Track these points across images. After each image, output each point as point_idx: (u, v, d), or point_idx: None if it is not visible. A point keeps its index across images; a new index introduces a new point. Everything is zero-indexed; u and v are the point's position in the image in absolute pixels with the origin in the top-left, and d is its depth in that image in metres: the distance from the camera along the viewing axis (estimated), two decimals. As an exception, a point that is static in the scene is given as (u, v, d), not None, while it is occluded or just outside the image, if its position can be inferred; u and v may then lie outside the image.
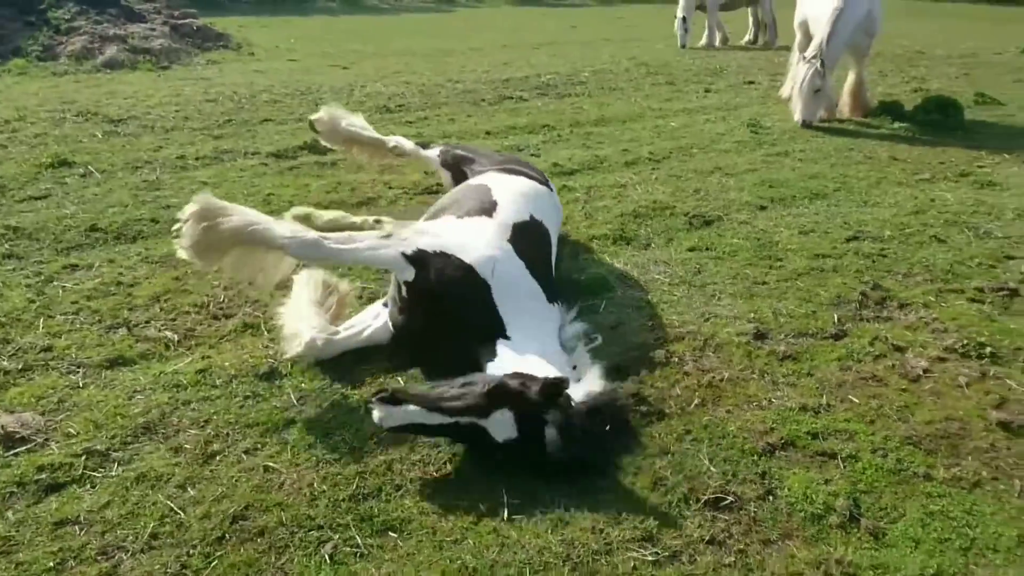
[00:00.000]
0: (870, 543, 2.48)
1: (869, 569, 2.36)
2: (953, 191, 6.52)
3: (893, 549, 2.45)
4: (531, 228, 3.87)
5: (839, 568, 2.36)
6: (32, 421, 3.08)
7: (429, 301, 3.34)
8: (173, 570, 2.37)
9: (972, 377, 3.49)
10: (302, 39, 18.47)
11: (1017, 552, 2.43)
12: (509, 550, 2.44)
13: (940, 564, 2.37)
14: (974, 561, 2.39)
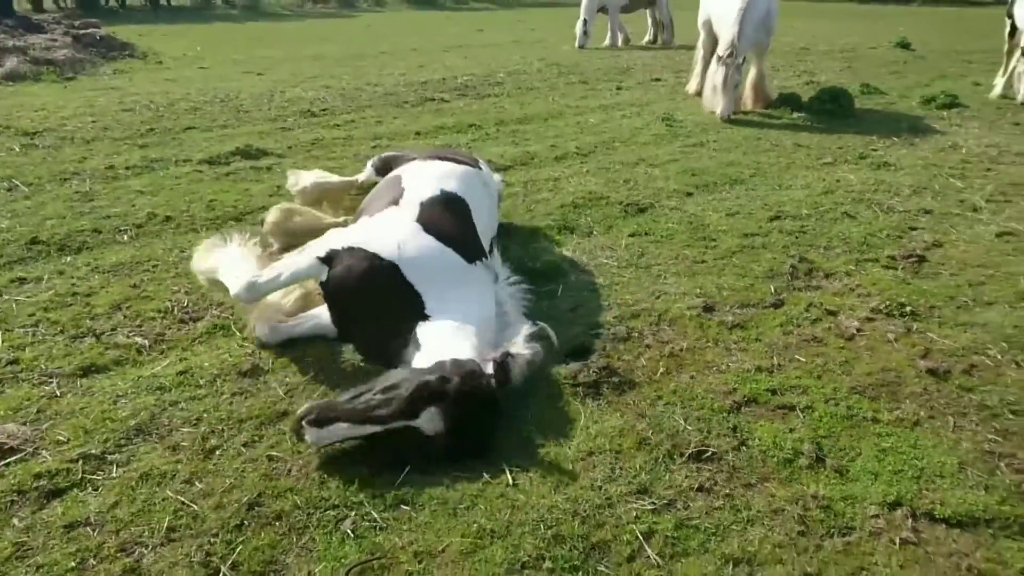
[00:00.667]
0: (836, 479, 2.80)
1: (840, 500, 2.67)
2: (855, 172, 7.10)
3: (856, 483, 2.77)
4: (442, 201, 4.02)
5: (814, 502, 2.66)
6: (18, 431, 3.05)
7: (345, 295, 3.51)
8: (198, 559, 2.44)
9: (899, 333, 3.91)
10: (207, 46, 17.99)
11: (959, 476, 2.80)
12: (520, 511, 2.62)
13: (898, 491, 2.70)
14: (925, 487, 2.74)
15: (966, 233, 5.41)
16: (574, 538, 2.50)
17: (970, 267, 4.78)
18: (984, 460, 2.90)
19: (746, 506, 2.66)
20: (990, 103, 10.46)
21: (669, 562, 2.41)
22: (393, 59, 15.69)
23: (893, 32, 20.23)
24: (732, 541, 2.49)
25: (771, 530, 2.54)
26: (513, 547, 2.46)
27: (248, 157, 7.41)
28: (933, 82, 12.46)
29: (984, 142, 8.18)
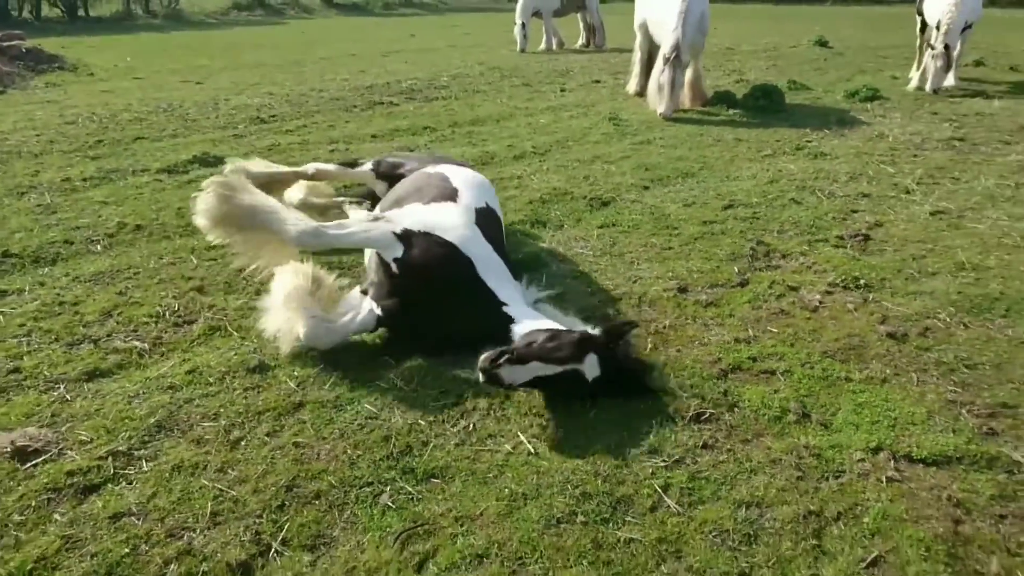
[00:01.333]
0: (822, 431, 3.10)
1: (828, 449, 2.97)
2: (794, 162, 7.55)
3: (840, 433, 3.08)
4: (488, 214, 4.24)
5: (806, 451, 2.95)
6: (39, 434, 3.09)
7: (420, 277, 3.62)
8: (247, 538, 2.56)
9: (857, 303, 4.27)
10: (137, 57, 17.59)
11: (928, 423, 3.13)
12: (546, 475, 2.83)
13: (878, 438, 3.01)
14: (900, 433, 3.06)
15: (903, 213, 5.87)
16: (600, 495, 2.72)
17: (911, 243, 5.21)
18: (948, 408, 3.25)
19: (747, 459, 2.92)
20: (908, 95, 11.18)
21: (688, 509, 2.66)
22: (333, 65, 15.67)
23: (809, 31, 21.20)
24: (740, 488, 2.75)
25: (773, 477, 2.81)
26: (546, 506, 2.67)
27: (206, 165, 7.39)
28: (854, 77, 13.18)
29: (908, 131, 8.79)
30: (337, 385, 3.51)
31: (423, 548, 2.50)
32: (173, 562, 2.47)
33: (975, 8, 11.28)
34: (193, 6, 34.07)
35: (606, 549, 2.48)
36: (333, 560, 2.47)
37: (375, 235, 3.72)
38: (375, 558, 2.46)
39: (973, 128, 8.83)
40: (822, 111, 10.18)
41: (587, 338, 3.21)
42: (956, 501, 2.67)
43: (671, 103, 9.51)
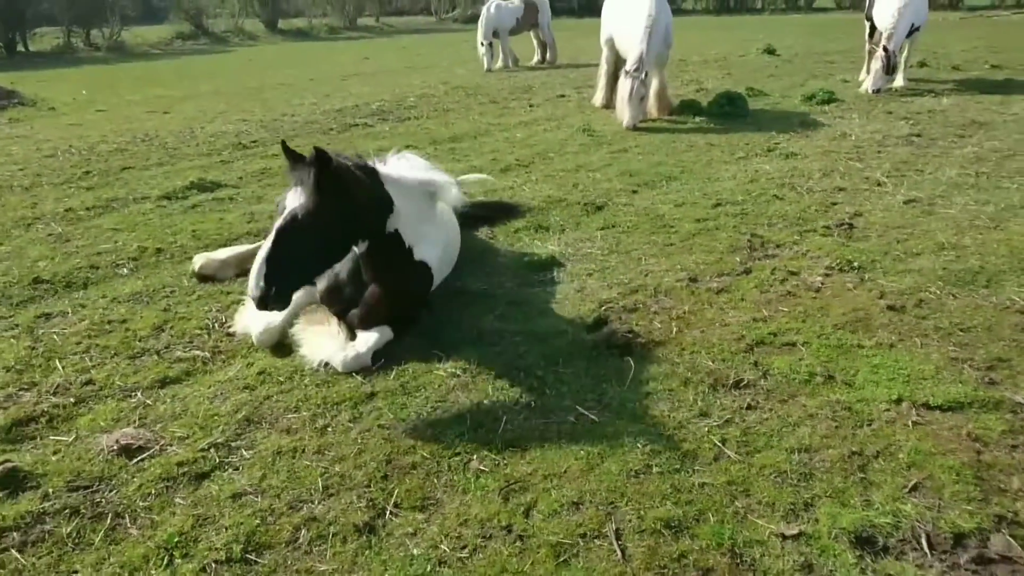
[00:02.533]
0: (848, 389, 3.50)
1: (857, 403, 3.36)
2: (768, 163, 8.06)
3: (864, 390, 3.48)
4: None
5: (838, 406, 3.35)
6: (137, 433, 3.30)
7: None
8: (362, 504, 2.83)
9: (855, 283, 4.72)
10: (91, 90, 17.49)
11: (938, 377, 3.56)
12: (613, 438, 3.17)
13: (898, 392, 3.42)
14: (915, 387, 3.47)
15: (878, 203, 6.39)
16: (667, 451, 3.06)
17: (891, 229, 5.70)
18: (952, 365, 3.68)
19: (788, 415, 3.30)
20: (861, 97, 11.88)
21: (747, 457, 3.01)
22: (295, 90, 15.85)
23: (755, 40, 22.11)
24: (788, 438, 3.12)
25: (814, 428, 3.19)
26: (622, 462, 3.00)
27: (204, 190, 7.58)
28: (807, 82, 13.89)
29: (868, 129, 9.42)
30: (400, 376, 3.78)
31: (524, 500, 2.81)
32: (302, 528, 2.72)
33: (920, 12, 12.07)
34: (135, 37, 33.76)
35: (684, 492, 2.81)
36: (445, 516, 2.76)
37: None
38: (483, 511, 2.76)
39: (928, 124, 9.50)
40: (784, 115, 10.77)
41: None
42: (974, 437, 3.08)
43: (633, 114, 9.97)
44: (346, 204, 3.53)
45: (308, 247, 3.42)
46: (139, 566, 2.59)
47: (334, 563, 2.57)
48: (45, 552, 2.69)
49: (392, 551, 2.61)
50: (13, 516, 2.85)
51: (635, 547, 2.55)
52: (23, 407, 3.63)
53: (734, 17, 38.62)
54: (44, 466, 3.16)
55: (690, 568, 2.45)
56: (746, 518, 2.67)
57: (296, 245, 3.36)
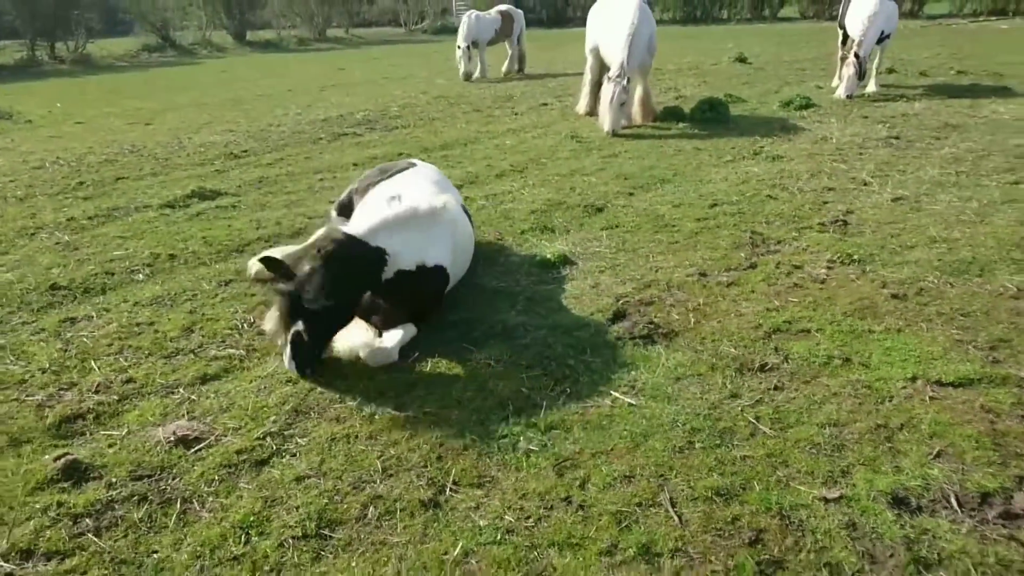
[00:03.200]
0: (865, 370, 3.72)
1: (876, 381, 3.59)
2: (756, 166, 8.34)
3: (879, 370, 3.71)
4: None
5: (859, 384, 3.57)
6: (191, 425, 3.41)
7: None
8: (423, 483, 2.99)
9: (857, 274, 4.97)
10: (64, 103, 17.33)
11: (947, 358, 3.79)
12: (653, 420, 3.35)
13: (912, 371, 3.65)
14: (927, 367, 3.70)
15: (867, 201, 6.68)
16: (705, 429, 3.25)
17: (883, 225, 5.98)
18: (957, 346, 3.93)
19: (813, 394, 3.51)
20: (836, 102, 12.26)
21: (781, 432, 3.21)
22: (275, 101, 15.88)
23: (723, 49, 22.61)
24: (817, 415, 3.33)
25: (839, 405, 3.40)
26: (665, 439, 3.18)
27: (205, 199, 7.64)
28: (781, 88, 14.28)
29: (847, 133, 9.76)
30: (436, 367, 3.93)
31: (577, 475, 2.98)
32: (369, 505, 2.86)
33: (890, 20, 12.53)
34: (101, 50, 33.34)
35: (728, 464, 3.00)
36: (503, 491, 2.91)
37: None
38: (540, 485, 2.92)
39: (904, 127, 9.88)
40: (764, 120, 11.10)
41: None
42: (987, 409, 3.32)
43: (616, 121, 10.21)
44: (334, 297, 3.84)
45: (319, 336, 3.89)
46: (217, 544, 2.70)
47: (405, 535, 2.71)
48: (121, 535, 2.79)
49: (459, 523, 2.76)
50: (83, 503, 2.94)
51: (690, 513, 2.73)
52: (68, 405, 3.71)
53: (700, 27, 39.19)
54: (102, 458, 3.25)
55: (744, 529, 2.63)
56: (788, 485, 2.86)
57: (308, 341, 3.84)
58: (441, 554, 2.59)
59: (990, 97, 12.05)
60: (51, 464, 3.17)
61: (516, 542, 2.62)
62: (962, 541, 2.54)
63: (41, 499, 2.98)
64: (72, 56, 32.22)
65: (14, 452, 3.36)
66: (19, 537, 2.77)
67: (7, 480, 3.13)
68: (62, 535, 2.78)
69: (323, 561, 2.61)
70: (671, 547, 2.56)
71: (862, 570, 2.43)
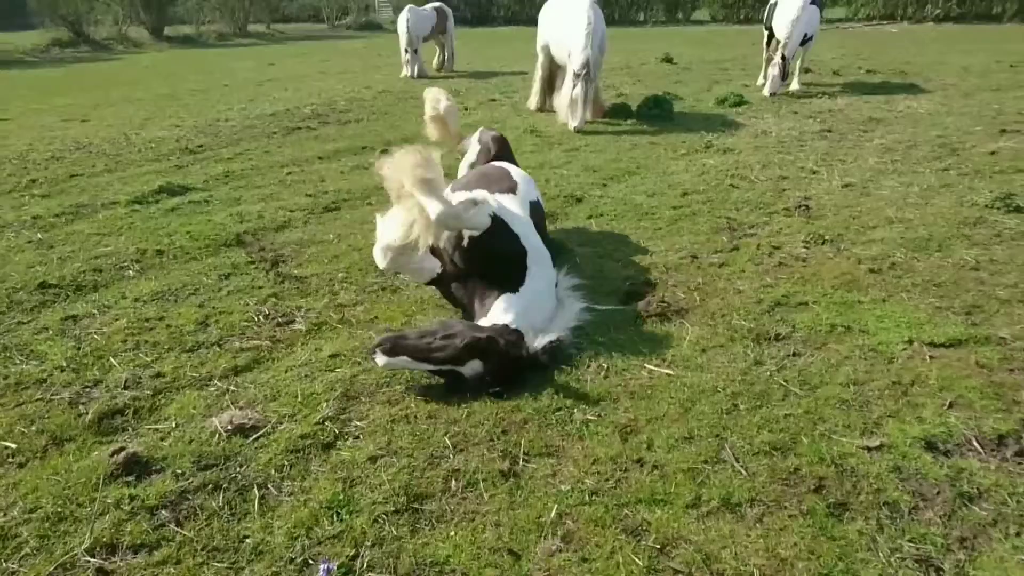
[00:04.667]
0: (866, 335, 4.08)
1: (878, 345, 3.94)
2: (710, 158, 8.75)
3: (878, 336, 4.07)
4: (537, 207, 5.01)
5: (864, 349, 3.91)
6: (245, 414, 3.45)
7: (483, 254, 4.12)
8: (495, 455, 3.14)
9: (833, 252, 5.37)
10: (-21, 98, 16.46)
11: (932, 322, 4.19)
12: (692, 388, 3.60)
13: (908, 335, 4.02)
14: (917, 331, 4.08)
15: (820, 188, 7.15)
16: (744, 393, 3.53)
17: (842, 208, 6.45)
18: (939, 312, 4.34)
19: (827, 359, 3.84)
20: (766, 99, 12.91)
21: (811, 393, 3.52)
22: (213, 96, 15.50)
23: (647, 51, 23.20)
24: (838, 376, 3.66)
25: (854, 367, 3.74)
26: (711, 403, 3.44)
27: (174, 194, 7.50)
28: (712, 87, 14.88)
29: (784, 127, 10.34)
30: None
31: (641, 439, 3.19)
32: (451, 478, 3.00)
33: (812, 23, 13.28)
34: (6, 43, 31.54)
35: (773, 422, 3.28)
36: (575, 458, 3.10)
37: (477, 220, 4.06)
38: (609, 450, 3.12)
39: (833, 122, 10.53)
40: (705, 116, 11.58)
41: (471, 344, 3.53)
42: (981, 364, 3.71)
43: (582, 116, 10.50)
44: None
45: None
46: (311, 524, 2.79)
47: (494, 504, 2.87)
48: (204, 523, 2.83)
49: (542, 489, 2.93)
50: (155, 496, 2.96)
51: (755, 466, 2.99)
52: (101, 402, 3.68)
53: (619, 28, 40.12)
54: (159, 451, 3.26)
55: (807, 478, 2.91)
56: (831, 438, 3.16)
57: None
58: (535, 518, 2.76)
59: (901, 94, 12.93)
60: (109, 459, 3.16)
61: (605, 502, 2.82)
62: (994, 476, 2.89)
63: (110, 493, 2.98)
64: (-30, 50, 30.32)
65: (58, 450, 3.33)
66: (100, 532, 2.78)
67: (64, 477, 3.11)
68: (143, 527, 2.80)
69: (421, 533, 2.74)
70: (747, 497, 2.80)
71: (917, 507, 2.74)
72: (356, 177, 8.19)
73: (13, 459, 3.26)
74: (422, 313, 4.58)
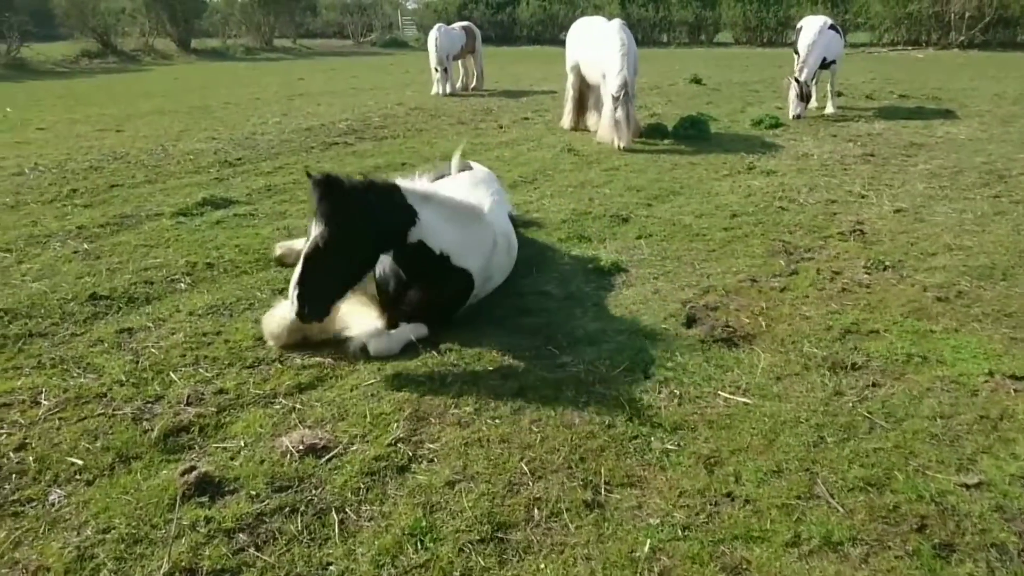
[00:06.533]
0: (943, 367, 3.96)
1: (959, 377, 3.83)
2: (754, 180, 8.67)
3: (956, 366, 3.96)
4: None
5: (945, 380, 3.80)
6: (316, 434, 3.39)
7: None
8: (576, 484, 3.05)
9: (896, 279, 5.27)
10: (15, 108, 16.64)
11: (1009, 355, 4.07)
12: (773, 418, 3.50)
13: (988, 367, 3.91)
14: (995, 363, 3.97)
15: (872, 212, 7.05)
16: (828, 425, 3.43)
17: (897, 234, 6.33)
18: (1014, 344, 4.22)
19: (908, 390, 3.73)
20: (802, 122, 12.81)
21: (897, 426, 3.41)
22: (246, 109, 15.59)
23: (673, 71, 23.23)
24: (923, 408, 3.55)
25: (938, 400, 3.62)
26: (795, 435, 3.34)
27: (218, 207, 7.50)
28: (745, 108, 14.81)
29: (825, 150, 10.24)
30: (532, 372, 4.00)
31: (728, 471, 3.09)
32: (533, 507, 2.91)
33: (831, 47, 13.20)
34: (37, 54, 32.01)
35: (863, 456, 3.17)
36: (659, 490, 3.00)
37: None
38: (695, 483, 3.03)
39: (874, 146, 10.42)
40: (742, 138, 11.50)
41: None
42: (1068, 399, 3.59)
43: (628, 135, 10.45)
44: (358, 225, 3.94)
45: (332, 268, 3.91)
46: (395, 552, 2.70)
47: (581, 535, 2.77)
48: (284, 548, 2.75)
49: (629, 522, 2.83)
50: (231, 518, 2.89)
51: (851, 503, 2.88)
52: (165, 418, 3.62)
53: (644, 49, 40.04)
54: (230, 471, 3.20)
55: (908, 516, 2.79)
56: (926, 474, 3.05)
57: (321, 268, 3.88)
58: (627, 552, 2.66)
59: (938, 119, 12.80)
60: (180, 478, 3.09)
61: (699, 538, 2.71)
62: (1103, 518, 2.76)
63: (184, 515, 2.91)
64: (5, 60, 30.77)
65: (125, 468, 3.26)
66: (178, 556, 2.70)
67: (135, 496, 3.04)
68: (222, 552, 2.73)
69: (509, 564, 2.65)
70: (848, 536, 2.69)
71: (1027, 550, 2.63)
72: (398, 193, 8.13)
73: (80, 476, 3.20)
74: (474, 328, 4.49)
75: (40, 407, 3.73)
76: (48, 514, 2.95)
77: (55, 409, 3.70)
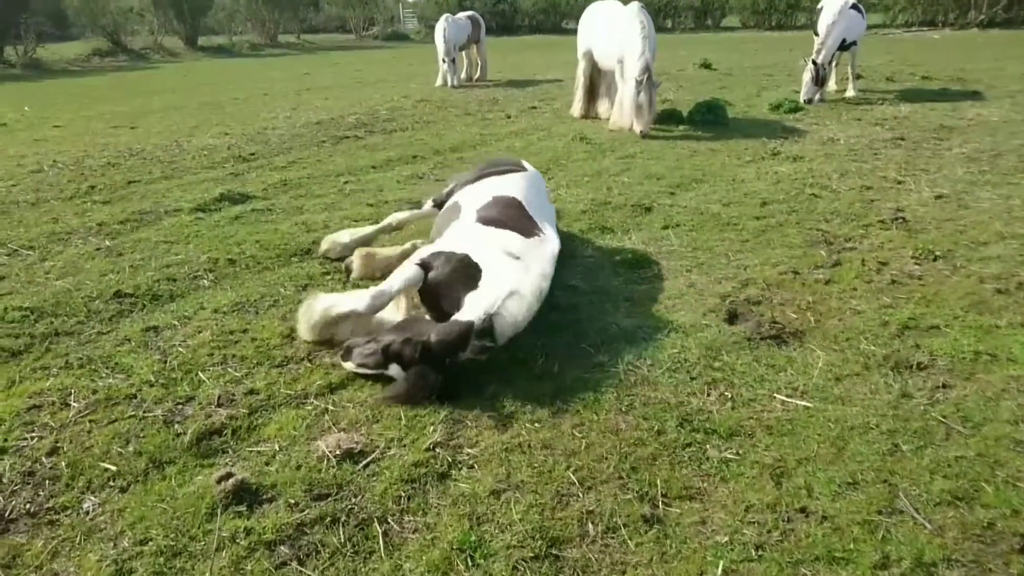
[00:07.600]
0: (1014, 365, 3.70)
1: None
2: (780, 166, 8.39)
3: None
4: (496, 203, 4.79)
5: (1020, 380, 3.53)
6: (351, 438, 3.20)
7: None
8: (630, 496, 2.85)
9: (950, 270, 5.00)
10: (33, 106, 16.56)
11: None
12: (838, 423, 3.28)
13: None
14: None
15: (911, 199, 6.77)
16: (901, 430, 3.19)
17: (943, 222, 6.06)
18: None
19: (980, 391, 3.48)
20: (823, 106, 12.50)
21: (976, 431, 3.16)
22: (256, 105, 15.39)
23: (681, 57, 22.79)
24: (1001, 412, 3.30)
25: (1016, 402, 3.37)
26: (866, 442, 3.11)
27: (236, 202, 7.30)
28: (760, 93, 14.48)
29: (850, 134, 9.94)
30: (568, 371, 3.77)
31: (797, 483, 2.86)
32: (587, 521, 2.69)
33: (852, 28, 12.87)
34: (51, 54, 32.01)
35: (945, 466, 2.94)
36: (722, 504, 2.78)
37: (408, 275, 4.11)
38: (762, 496, 2.80)
39: (903, 129, 10.12)
40: (761, 123, 11.21)
41: (387, 348, 3.56)
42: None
43: (648, 120, 10.19)
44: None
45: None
46: (445, 569, 2.50)
47: (642, 554, 2.55)
48: (328, 562, 2.57)
49: (694, 540, 2.61)
50: (271, 529, 2.71)
51: (941, 519, 2.64)
52: (197, 421, 3.44)
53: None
54: (267, 477, 3.01)
55: (1006, 535, 2.56)
56: (1017, 486, 2.80)
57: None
58: (697, 574, 2.44)
59: (966, 101, 12.48)
60: (216, 486, 2.90)
61: (776, 558, 2.49)
62: None
63: (223, 525, 2.72)
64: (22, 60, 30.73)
65: (159, 474, 3.09)
66: (219, 570, 2.52)
67: (171, 505, 2.86)
68: (264, 566, 2.54)
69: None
70: (941, 556, 2.46)
71: None
72: (413, 187, 7.92)
73: (114, 483, 3.03)
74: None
75: (70, 409, 3.56)
76: (83, 523, 2.79)
77: (85, 411, 3.54)
